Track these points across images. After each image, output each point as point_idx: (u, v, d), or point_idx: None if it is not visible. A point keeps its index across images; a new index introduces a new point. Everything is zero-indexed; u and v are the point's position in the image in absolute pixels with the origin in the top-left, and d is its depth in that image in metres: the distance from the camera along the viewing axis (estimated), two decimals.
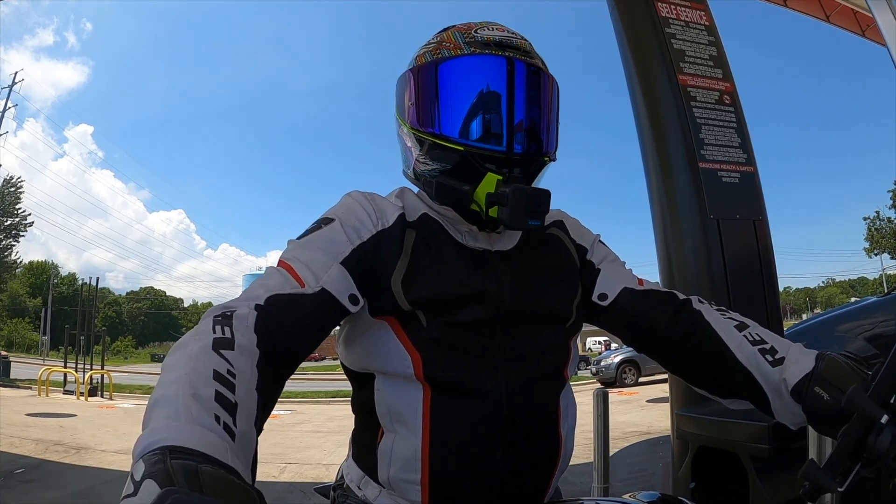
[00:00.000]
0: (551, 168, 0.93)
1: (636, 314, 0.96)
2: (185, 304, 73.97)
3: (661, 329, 0.93)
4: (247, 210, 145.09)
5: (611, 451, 2.79)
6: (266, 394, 0.64)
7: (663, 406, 9.03)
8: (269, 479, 5.45)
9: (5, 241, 43.92)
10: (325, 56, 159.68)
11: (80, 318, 20.91)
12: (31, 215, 45.21)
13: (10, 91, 35.57)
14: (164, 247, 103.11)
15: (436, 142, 0.87)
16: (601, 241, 1.04)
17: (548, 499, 0.91)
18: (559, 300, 0.92)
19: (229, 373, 0.59)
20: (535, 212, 0.83)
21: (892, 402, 0.64)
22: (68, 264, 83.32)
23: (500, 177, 0.83)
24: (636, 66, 2.92)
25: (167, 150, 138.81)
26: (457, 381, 0.83)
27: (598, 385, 13.54)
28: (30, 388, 15.46)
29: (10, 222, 43.39)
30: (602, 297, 0.97)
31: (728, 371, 0.86)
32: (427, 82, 0.89)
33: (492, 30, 0.90)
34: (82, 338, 19.93)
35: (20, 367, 20.15)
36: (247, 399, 0.59)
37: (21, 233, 45.25)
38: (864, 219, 40.92)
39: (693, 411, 2.29)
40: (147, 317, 67.03)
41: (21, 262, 51.16)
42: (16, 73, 36.60)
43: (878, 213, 40.08)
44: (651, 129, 2.83)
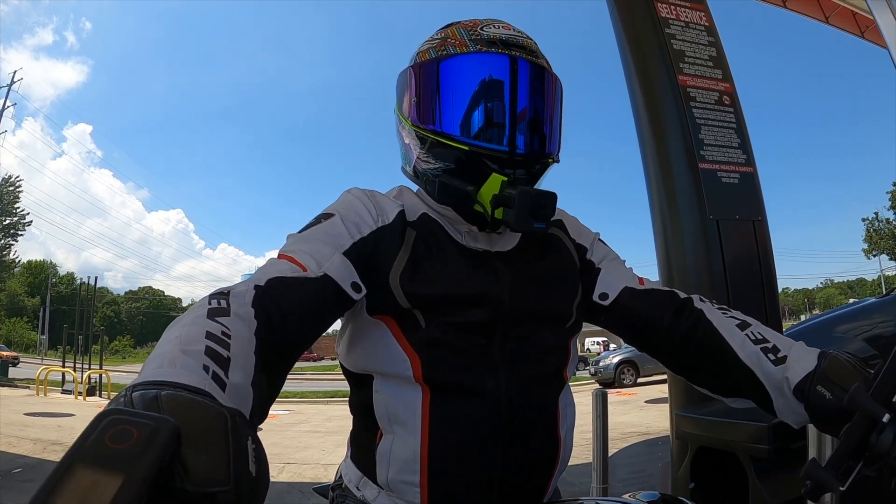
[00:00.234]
0: (552, 167, 0.92)
1: (637, 314, 0.95)
2: (184, 304, 73.88)
3: (662, 328, 0.93)
4: (246, 210, 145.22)
5: (610, 452, 2.79)
6: (266, 363, 0.61)
7: (662, 406, 9.04)
8: None
9: (4, 241, 43.90)
10: (325, 56, 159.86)
11: (78, 317, 20.89)
12: (29, 214, 45.31)
13: (9, 90, 35.52)
14: (163, 246, 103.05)
15: (439, 140, 0.86)
16: (601, 240, 1.04)
17: (547, 499, 0.91)
18: (559, 301, 0.92)
19: (223, 333, 0.56)
20: (540, 214, 0.82)
21: (894, 400, 0.64)
22: (67, 264, 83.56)
23: (505, 178, 0.83)
24: (636, 66, 2.92)
25: (166, 150, 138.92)
26: (456, 382, 0.83)
27: (597, 385, 13.54)
28: (28, 388, 15.44)
29: (8, 221, 43.36)
30: (603, 296, 0.96)
31: (730, 370, 0.85)
32: (432, 79, 0.87)
33: (497, 27, 0.89)
34: (81, 337, 19.93)
35: (18, 367, 20.14)
36: (242, 358, 0.56)
37: (19, 232, 45.27)
38: (863, 220, 41.10)
39: (692, 412, 2.29)
40: (145, 316, 66.96)
41: (19, 261, 51.25)
42: (15, 71, 36.53)
43: (876, 214, 40.24)
44: (651, 130, 2.83)
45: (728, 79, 2.91)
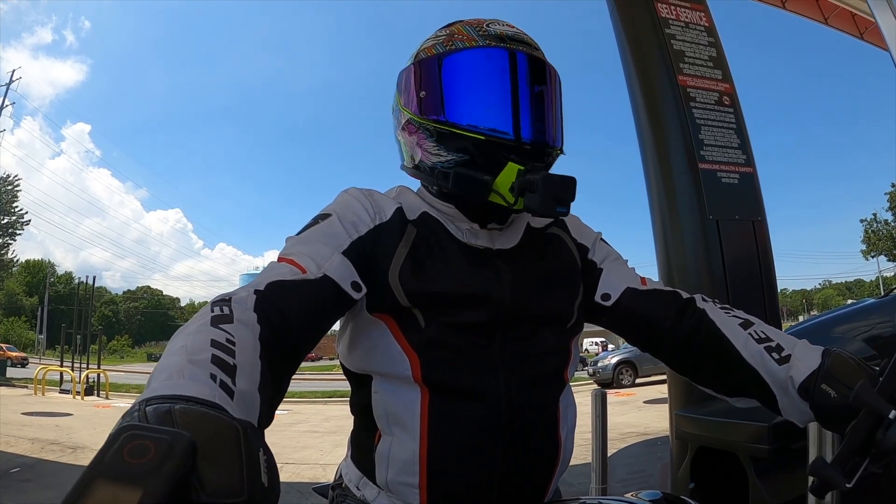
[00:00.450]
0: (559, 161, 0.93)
1: (640, 314, 0.95)
2: (182, 304, 73.87)
3: (665, 328, 0.92)
4: (244, 209, 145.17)
5: (609, 452, 2.79)
6: (271, 367, 0.61)
7: (660, 407, 9.05)
8: None
9: (2, 240, 43.76)
10: (325, 56, 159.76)
11: (76, 316, 20.84)
12: (27, 213, 45.13)
13: (8, 89, 35.51)
14: (161, 246, 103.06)
15: (453, 131, 0.86)
16: (602, 240, 1.03)
17: (547, 500, 0.91)
18: (561, 301, 0.92)
19: (228, 340, 0.57)
20: (562, 199, 0.82)
21: None
22: (65, 263, 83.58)
23: (521, 167, 0.83)
24: (636, 66, 2.93)
25: (165, 149, 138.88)
26: (455, 383, 0.82)
27: (595, 386, 13.55)
28: (26, 387, 15.40)
29: (6, 220, 43.24)
30: (605, 297, 0.96)
31: (734, 369, 0.85)
32: (445, 72, 0.88)
33: (502, 25, 0.90)
34: (79, 337, 19.89)
35: (26, 367, 20.08)
36: (248, 365, 0.57)
37: (18, 231, 45.12)
38: (861, 221, 41.15)
39: (692, 412, 2.29)
40: (143, 316, 66.84)
41: (18, 260, 51.06)
42: (13, 70, 36.51)
43: (875, 215, 40.31)
44: (651, 130, 2.83)
45: (728, 79, 2.91)
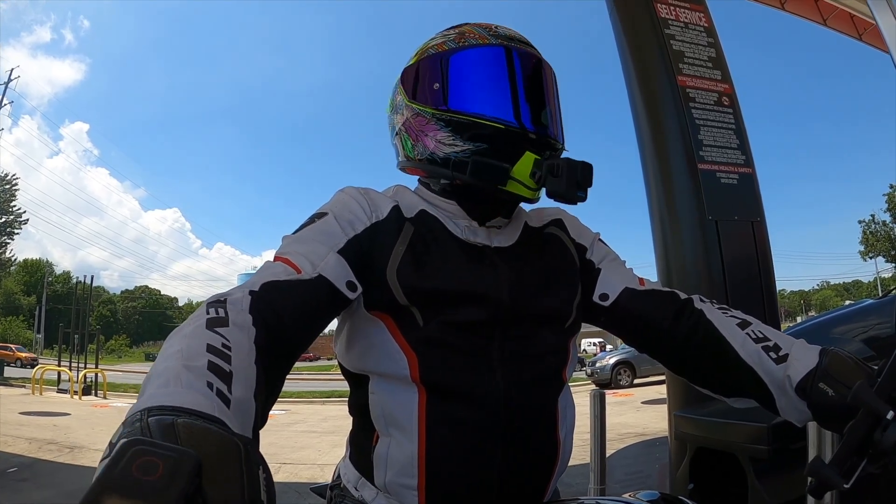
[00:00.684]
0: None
1: (638, 314, 0.95)
2: (180, 304, 73.73)
3: (663, 329, 0.92)
4: (243, 209, 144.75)
5: (607, 453, 2.79)
6: (267, 370, 0.62)
7: (658, 407, 9.05)
8: None
9: (0, 239, 43.72)
10: (325, 56, 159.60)
11: (74, 316, 20.80)
12: (25, 213, 45.07)
13: (6, 88, 35.41)
14: (159, 245, 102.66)
15: (474, 121, 0.87)
16: (601, 240, 1.03)
17: (546, 501, 0.90)
18: (559, 299, 0.91)
19: (224, 346, 0.57)
20: (582, 184, 0.85)
21: None
22: (63, 262, 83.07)
23: (538, 156, 0.86)
24: (635, 66, 2.93)
25: (163, 149, 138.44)
26: (453, 383, 0.82)
27: (593, 386, 13.55)
28: (23, 387, 15.38)
29: (4, 220, 43.18)
30: (603, 297, 0.96)
31: (731, 369, 0.85)
32: (468, 64, 0.90)
33: (507, 29, 0.94)
34: (76, 336, 19.84)
35: (13, 366, 20.04)
36: (244, 370, 0.57)
37: (16, 230, 45.09)
38: (860, 222, 41.24)
39: (691, 412, 2.29)
40: (141, 316, 66.76)
41: (15, 259, 51.01)
42: (12, 69, 36.42)
43: (873, 216, 40.38)
44: (650, 130, 2.83)
45: (727, 80, 2.92)
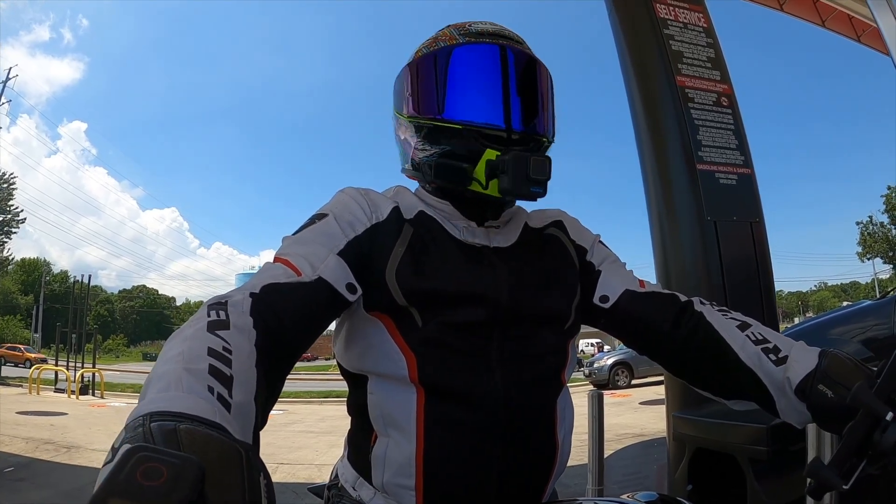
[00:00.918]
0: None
1: (638, 316, 0.94)
2: (178, 303, 73.66)
3: (663, 331, 0.92)
4: (242, 209, 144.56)
5: (605, 454, 2.78)
6: (267, 373, 0.62)
7: (656, 408, 9.06)
8: None
9: None
10: (325, 56, 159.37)
11: (71, 315, 20.78)
12: (23, 212, 44.96)
13: (4, 86, 35.33)
14: (157, 245, 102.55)
15: (435, 124, 0.89)
16: (601, 242, 1.03)
17: (544, 502, 0.90)
18: (557, 300, 0.91)
19: (224, 349, 0.57)
20: (536, 179, 0.83)
21: None
22: (61, 262, 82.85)
23: (498, 153, 0.84)
24: (634, 66, 2.93)
25: (162, 148, 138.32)
26: (452, 384, 0.82)
27: (591, 387, 13.56)
28: (20, 386, 15.36)
29: (2, 219, 43.06)
30: (603, 299, 0.96)
31: (731, 371, 0.85)
32: (426, 71, 0.91)
33: (485, 24, 0.93)
34: (74, 336, 19.81)
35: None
36: (244, 374, 0.57)
37: (13, 229, 44.97)
38: (857, 223, 41.30)
39: (690, 413, 2.29)
40: (139, 315, 66.67)
41: (13, 258, 50.82)
42: (10, 68, 36.43)
43: (871, 217, 40.45)
44: (649, 130, 2.83)
45: (726, 80, 2.92)
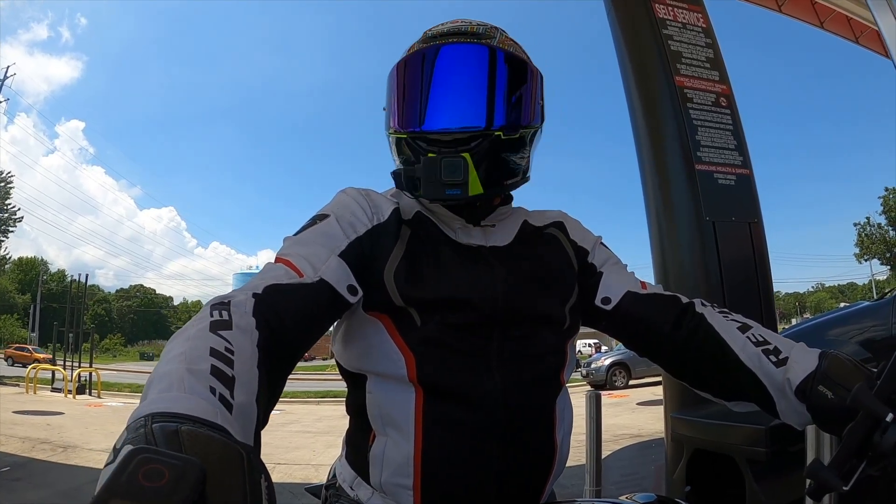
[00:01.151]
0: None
1: (639, 318, 0.94)
2: (175, 303, 73.62)
3: (664, 333, 0.92)
4: (241, 209, 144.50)
5: (602, 454, 2.78)
6: (269, 374, 0.62)
7: (654, 409, 9.07)
8: None
9: None
10: (325, 56, 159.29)
11: (69, 315, 20.73)
12: (20, 210, 44.91)
13: (2, 85, 35.28)
14: (155, 244, 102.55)
15: (396, 137, 0.91)
16: (603, 244, 1.03)
17: (542, 502, 0.90)
18: (551, 302, 0.91)
19: (227, 349, 0.57)
20: (451, 182, 0.82)
21: None
22: (58, 261, 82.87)
23: (434, 155, 0.84)
24: (633, 66, 2.93)
25: (160, 148, 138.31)
26: (451, 383, 0.82)
27: (588, 387, 13.56)
28: (17, 386, 15.32)
29: None
30: (605, 300, 0.96)
31: (731, 373, 0.85)
32: (387, 86, 0.94)
33: (445, 25, 0.93)
34: (71, 335, 19.78)
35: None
36: (246, 375, 0.57)
37: (10, 228, 44.94)
38: (855, 224, 41.40)
39: (688, 414, 2.29)
40: (136, 315, 66.56)
41: (10, 257, 50.89)
42: (8, 67, 36.33)
43: (868, 218, 40.54)
44: (647, 131, 2.83)
45: (725, 80, 2.92)
